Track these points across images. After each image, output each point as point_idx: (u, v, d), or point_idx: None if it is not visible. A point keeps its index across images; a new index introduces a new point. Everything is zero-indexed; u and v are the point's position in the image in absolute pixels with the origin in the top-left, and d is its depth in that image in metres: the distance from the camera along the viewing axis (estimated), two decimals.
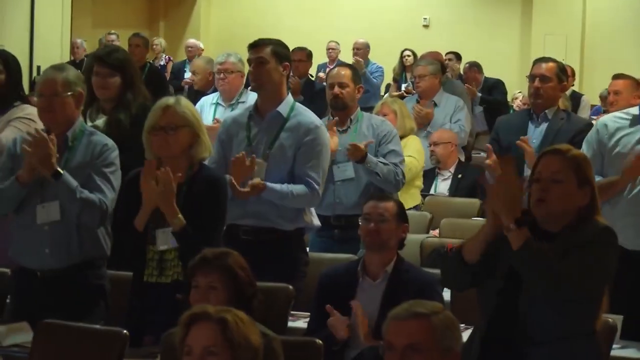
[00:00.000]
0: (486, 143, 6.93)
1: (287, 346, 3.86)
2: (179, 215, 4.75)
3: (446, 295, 5.10)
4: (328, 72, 7.55)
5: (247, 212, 5.46)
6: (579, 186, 3.90)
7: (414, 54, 13.03)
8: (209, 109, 7.89)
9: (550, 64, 6.53)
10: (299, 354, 4.14)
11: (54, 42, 15.08)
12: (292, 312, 5.04)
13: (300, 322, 5.15)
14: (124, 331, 4.39)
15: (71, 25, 15.42)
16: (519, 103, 13.45)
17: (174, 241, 4.79)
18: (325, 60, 14.20)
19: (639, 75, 9.08)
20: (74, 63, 13.07)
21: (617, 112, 5.58)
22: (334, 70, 6.70)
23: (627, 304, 4.95)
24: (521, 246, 3.73)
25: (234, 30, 17.38)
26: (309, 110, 5.66)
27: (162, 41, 15.85)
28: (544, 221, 3.88)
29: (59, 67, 5.24)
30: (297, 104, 5.66)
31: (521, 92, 13.57)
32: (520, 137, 6.20)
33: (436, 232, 7.28)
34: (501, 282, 3.89)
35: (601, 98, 12.98)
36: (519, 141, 6.13)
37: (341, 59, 13.99)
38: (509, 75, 14.80)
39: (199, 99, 8.22)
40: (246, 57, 5.71)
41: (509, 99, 13.82)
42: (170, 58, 15.53)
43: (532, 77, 6.55)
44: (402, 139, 6.98)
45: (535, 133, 6.47)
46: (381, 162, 6.29)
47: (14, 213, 5.12)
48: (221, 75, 7.92)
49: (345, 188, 6.37)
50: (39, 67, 14.62)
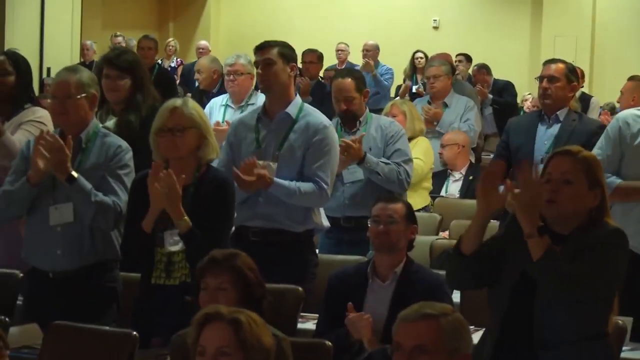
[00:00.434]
0: (496, 145, 6.90)
1: (296, 348, 3.85)
2: (185, 217, 4.74)
3: (456, 297, 5.10)
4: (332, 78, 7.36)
5: (256, 214, 5.44)
6: (589, 188, 3.89)
7: (426, 56, 13.01)
8: (219, 111, 7.88)
9: (559, 65, 6.52)
10: (308, 356, 4.14)
11: (64, 44, 15.09)
12: (301, 313, 5.03)
13: (309, 323, 5.15)
14: (134, 333, 4.38)
15: (81, 27, 15.43)
16: (529, 105, 13.41)
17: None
18: (335, 61, 14.17)
19: None
20: (83, 65, 13.03)
21: (634, 110, 5.46)
22: (336, 82, 6.57)
23: (637, 306, 4.93)
24: (542, 255, 3.73)
25: (244, 32, 17.37)
26: (317, 111, 5.64)
27: (176, 43, 15.87)
28: (554, 222, 3.88)
29: (73, 69, 5.21)
30: (305, 104, 5.64)
31: (531, 94, 13.54)
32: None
33: (446, 233, 7.27)
34: (511, 283, 3.88)
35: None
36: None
37: (350, 61, 13.99)
38: (518, 77, 14.75)
39: (203, 98, 8.19)
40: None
41: (518, 100, 13.78)
42: (182, 61, 15.53)
43: (540, 78, 6.55)
44: (411, 140, 6.96)
45: (546, 134, 6.44)
46: (382, 162, 6.28)
47: (26, 214, 5.10)
48: (231, 77, 7.90)
49: (354, 190, 6.37)
50: (49, 68, 14.66)
